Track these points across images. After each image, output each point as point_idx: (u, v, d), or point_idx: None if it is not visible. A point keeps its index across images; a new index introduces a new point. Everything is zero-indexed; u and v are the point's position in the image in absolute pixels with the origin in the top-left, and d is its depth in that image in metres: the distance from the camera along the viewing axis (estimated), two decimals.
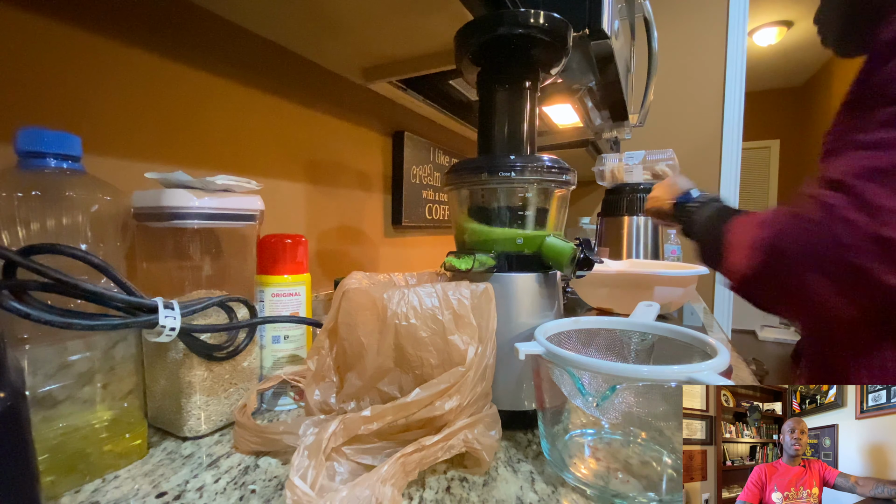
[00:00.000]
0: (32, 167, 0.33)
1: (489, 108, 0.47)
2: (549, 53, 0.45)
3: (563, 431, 0.40)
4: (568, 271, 0.41)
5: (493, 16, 0.42)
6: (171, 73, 0.54)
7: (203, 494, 0.32)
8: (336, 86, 0.82)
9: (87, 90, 0.46)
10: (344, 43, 0.69)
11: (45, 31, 0.43)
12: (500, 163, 0.43)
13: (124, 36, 0.49)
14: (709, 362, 0.30)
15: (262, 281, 0.50)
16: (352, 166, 0.89)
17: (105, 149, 0.48)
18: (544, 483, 0.34)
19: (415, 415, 0.33)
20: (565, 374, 0.32)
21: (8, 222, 0.31)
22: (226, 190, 0.43)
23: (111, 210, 0.36)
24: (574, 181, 0.45)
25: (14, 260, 0.28)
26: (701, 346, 0.36)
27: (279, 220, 0.72)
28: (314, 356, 0.39)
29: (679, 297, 0.82)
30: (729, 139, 2.03)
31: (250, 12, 0.60)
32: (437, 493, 0.32)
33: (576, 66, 0.69)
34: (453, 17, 0.58)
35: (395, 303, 0.36)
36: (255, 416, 0.45)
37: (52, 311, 0.30)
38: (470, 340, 0.36)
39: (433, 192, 1.13)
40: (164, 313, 0.35)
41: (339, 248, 0.87)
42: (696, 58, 2.07)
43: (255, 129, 0.67)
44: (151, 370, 0.41)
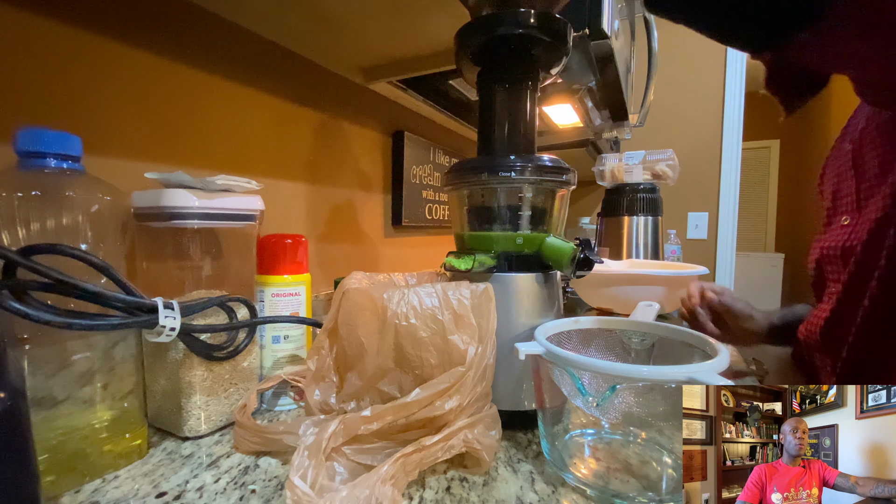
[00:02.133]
0: (32, 167, 0.33)
1: (489, 108, 0.47)
2: (549, 53, 0.45)
3: (563, 431, 0.40)
4: (568, 271, 0.41)
5: (493, 16, 0.42)
6: (171, 73, 0.54)
7: (203, 494, 0.32)
8: (336, 86, 0.82)
9: (87, 90, 0.46)
10: (344, 43, 0.69)
11: (45, 31, 0.43)
12: (500, 163, 0.43)
13: (124, 36, 0.49)
14: (709, 362, 0.30)
15: (262, 281, 0.50)
16: (352, 166, 0.89)
17: (105, 149, 0.48)
18: (544, 483, 0.34)
19: (415, 415, 0.33)
20: (565, 374, 0.32)
21: (8, 222, 0.31)
22: (226, 190, 0.43)
23: (111, 210, 0.36)
24: (574, 181, 0.45)
25: (14, 260, 0.28)
26: (701, 346, 0.36)
27: (279, 220, 0.72)
28: (314, 356, 0.39)
29: (679, 298, 0.82)
30: (729, 139, 2.03)
31: (250, 12, 0.59)
32: (437, 493, 0.32)
33: (576, 66, 0.69)
34: (453, 17, 0.58)
35: (395, 303, 0.36)
36: (255, 416, 0.45)
37: (52, 311, 0.30)
38: (470, 340, 0.36)
39: (433, 192, 1.13)
40: (164, 313, 0.35)
41: (339, 248, 0.87)
42: (696, 58, 2.07)
43: (255, 129, 0.67)
44: (151, 370, 0.41)
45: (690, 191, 2.13)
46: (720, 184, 2.07)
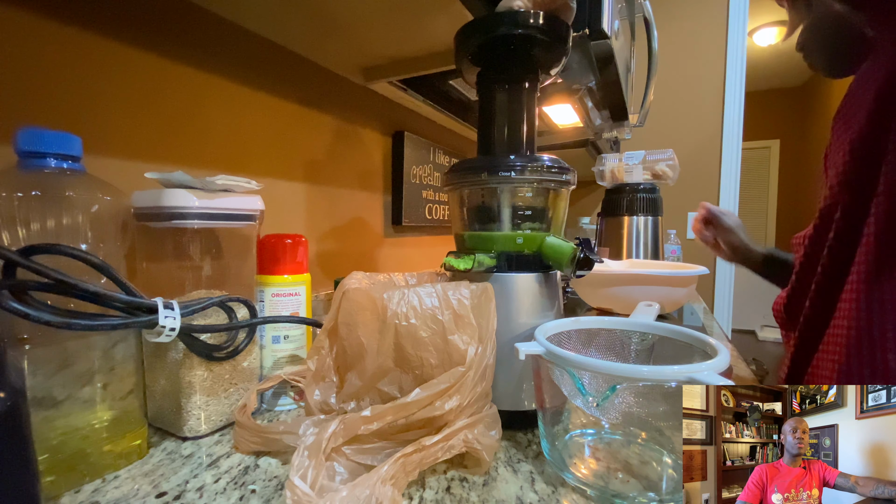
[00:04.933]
0: (32, 167, 0.33)
1: (489, 109, 0.47)
2: (548, 53, 0.45)
3: (563, 431, 0.40)
4: (568, 271, 0.41)
5: (493, 16, 0.42)
6: (171, 73, 0.54)
7: (203, 494, 0.32)
8: (336, 86, 0.82)
9: (87, 90, 0.46)
10: (344, 43, 0.69)
11: (45, 31, 0.43)
12: (500, 163, 0.43)
13: (124, 36, 0.49)
14: (709, 362, 0.30)
15: (262, 281, 0.50)
16: (352, 166, 0.89)
17: (105, 149, 0.48)
18: (544, 483, 0.34)
19: (415, 415, 0.33)
20: (565, 374, 0.32)
21: (8, 222, 0.31)
22: (226, 190, 0.43)
23: (111, 210, 0.36)
24: (574, 181, 0.45)
25: (14, 260, 0.28)
26: (701, 346, 0.36)
27: (279, 220, 0.72)
28: (314, 356, 0.39)
29: (679, 297, 0.82)
30: (729, 139, 2.03)
31: (250, 12, 0.60)
32: (437, 493, 0.32)
33: (576, 66, 0.69)
34: (453, 17, 0.58)
35: (395, 303, 0.36)
36: (255, 416, 0.45)
37: (52, 311, 0.30)
38: (470, 340, 0.36)
39: (433, 192, 1.13)
40: (164, 313, 0.35)
41: (339, 248, 0.87)
42: (696, 58, 2.07)
43: (255, 129, 0.67)
44: (151, 370, 0.41)
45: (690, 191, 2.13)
46: (720, 184, 2.07)
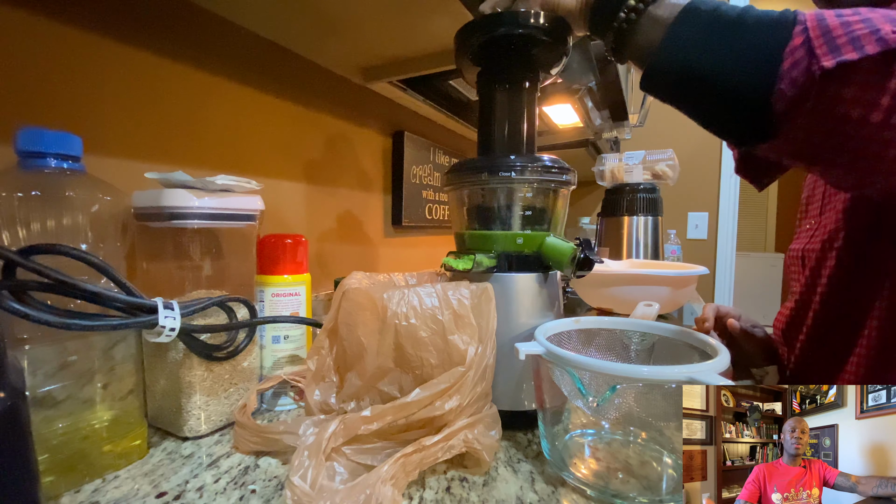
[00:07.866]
0: (32, 167, 0.33)
1: (489, 108, 0.47)
2: (548, 53, 0.45)
3: (563, 431, 0.40)
4: (568, 271, 0.41)
5: (494, 16, 0.42)
6: (171, 73, 0.54)
7: (203, 494, 0.32)
8: (336, 86, 0.82)
9: (87, 90, 0.46)
10: (344, 43, 0.69)
11: (45, 31, 0.43)
12: (500, 163, 0.43)
13: (124, 36, 0.49)
14: (709, 362, 0.30)
15: (262, 281, 0.50)
16: (352, 166, 0.89)
17: (105, 149, 0.48)
18: (544, 483, 0.34)
19: (415, 415, 0.33)
20: (565, 374, 0.32)
21: (8, 222, 0.31)
22: (226, 190, 0.43)
23: (111, 210, 0.36)
24: (574, 181, 0.45)
25: (14, 260, 0.28)
26: (701, 346, 0.36)
27: (279, 220, 0.72)
28: (314, 356, 0.39)
29: (679, 297, 0.82)
30: None
31: (250, 12, 0.60)
32: (437, 493, 0.32)
33: (576, 66, 0.69)
34: (453, 17, 0.58)
35: (395, 303, 0.36)
36: (255, 416, 0.45)
37: (52, 311, 0.30)
38: (470, 340, 0.36)
39: (433, 192, 1.13)
40: (164, 313, 0.35)
41: (339, 248, 0.87)
42: None
43: (255, 129, 0.67)
44: (151, 370, 0.41)
45: (690, 191, 2.13)
46: (720, 184, 2.07)
